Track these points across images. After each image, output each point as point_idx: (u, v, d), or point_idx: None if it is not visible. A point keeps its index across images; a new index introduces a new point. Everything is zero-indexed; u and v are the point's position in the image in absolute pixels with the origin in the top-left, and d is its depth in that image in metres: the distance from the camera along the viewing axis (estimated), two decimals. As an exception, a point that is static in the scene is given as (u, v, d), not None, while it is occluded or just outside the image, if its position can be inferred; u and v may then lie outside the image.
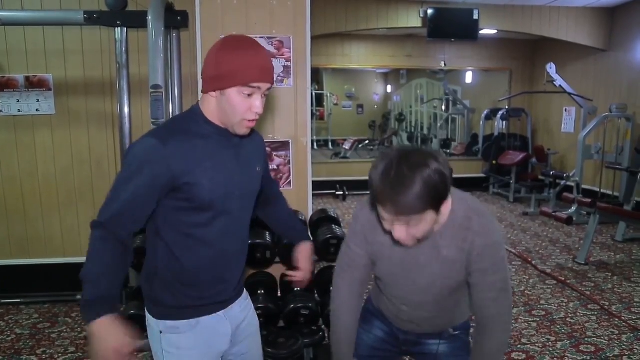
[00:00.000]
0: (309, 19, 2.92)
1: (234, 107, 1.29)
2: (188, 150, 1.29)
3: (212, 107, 1.34)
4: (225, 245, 1.42)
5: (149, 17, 2.64)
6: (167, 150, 1.25)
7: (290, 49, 2.90)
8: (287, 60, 2.91)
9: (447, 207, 1.29)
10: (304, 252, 1.74)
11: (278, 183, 1.85)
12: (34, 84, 3.55)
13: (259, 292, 2.62)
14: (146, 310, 1.45)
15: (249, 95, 1.28)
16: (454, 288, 1.40)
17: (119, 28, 2.86)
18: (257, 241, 2.58)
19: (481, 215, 1.33)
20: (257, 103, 1.30)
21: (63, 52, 3.54)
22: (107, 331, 1.21)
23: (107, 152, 3.64)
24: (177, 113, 3.13)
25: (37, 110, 3.58)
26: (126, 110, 2.90)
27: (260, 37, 2.89)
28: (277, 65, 2.92)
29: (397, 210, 1.15)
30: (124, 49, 2.89)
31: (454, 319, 1.55)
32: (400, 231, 1.21)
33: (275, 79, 2.93)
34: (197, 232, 1.36)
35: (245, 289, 1.62)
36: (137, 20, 2.83)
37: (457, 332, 1.57)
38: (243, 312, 1.55)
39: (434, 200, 1.16)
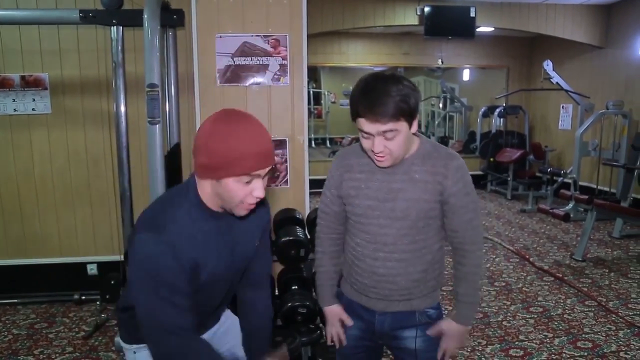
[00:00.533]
0: (305, 17, 2.91)
1: (232, 195, 1.20)
2: (189, 241, 1.22)
3: (207, 191, 1.24)
4: (205, 307, 1.43)
5: (145, 16, 2.63)
6: (171, 244, 1.17)
7: (286, 47, 2.90)
8: (284, 58, 2.91)
9: (416, 140, 1.46)
10: None
11: (269, 273, 1.66)
12: (30, 84, 3.54)
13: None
14: (119, 337, 1.49)
15: (249, 182, 1.19)
16: (429, 221, 1.46)
17: (115, 27, 2.85)
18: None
19: (442, 147, 1.51)
20: (258, 188, 1.20)
21: (59, 51, 3.53)
22: None
23: (104, 152, 3.63)
24: (174, 112, 3.13)
25: (33, 109, 3.57)
26: (122, 109, 2.88)
27: (257, 36, 2.89)
28: (274, 63, 2.92)
29: (376, 116, 1.29)
30: (119, 47, 2.87)
31: (427, 276, 1.51)
32: (379, 143, 1.34)
33: (271, 78, 2.93)
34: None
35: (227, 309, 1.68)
36: (133, 19, 2.81)
37: (433, 314, 1.57)
38: (218, 323, 1.60)
39: (407, 109, 1.31)
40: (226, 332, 1.62)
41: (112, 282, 3.29)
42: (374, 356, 1.72)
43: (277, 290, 2.79)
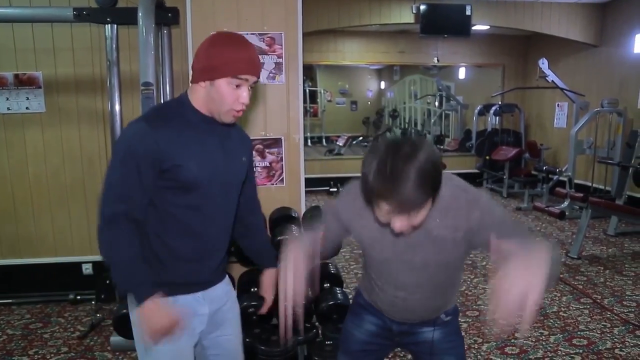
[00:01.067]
0: (301, 15, 2.91)
1: (223, 97, 1.36)
2: (176, 134, 1.37)
3: (200, 96, 1.41)
4: (206, 230, 1.47)
5: (139, 14, 2.61)
6: (156, 133, 1.34)
7: (281, 45, 2.89)
8: (279, 56, 2.90)
9: None
10: (269, 281, 1.73)
11: (259, 202, 1.80)
12: (24, 82, 3.51)
13: (253, 289, 2.61)
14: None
15: (237, 87, 1.36)
16: (449, 265, 1.43)
17: (109, 25, 2.83)
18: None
19: (465, 190, 1.34)
20: (244, 94, 1.38)
21: (53, 49, 3.50)
22: (154, 312, 1.34)
23: (99, 150, 3.62)
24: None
25: (27, 108, 3.55)
26: (117, 107, 2.87)
27: (252, 34, 2.88)
28: (269, 61, 2.91)
29: (399, 205, 1.14)
30: (114, 46, 2.86)
31: (447, 301, 1.55)
32: (400, 223, 1.20)
33: (267, 76, 2.92)
34: (180, 213, 1.42)
35: (227, 277, 1.68)
36: (127, 17, 2.80)
37: (449, 318, 1.58)
38: (224, 297, 1.61)
39: (432, 189, 1.17)
40: (227, 312, 1.62)
41: (108, 282, 3.27)
42: (381, 357, 1.71)
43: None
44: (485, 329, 3.21)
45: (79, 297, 3.57)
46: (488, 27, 7.36)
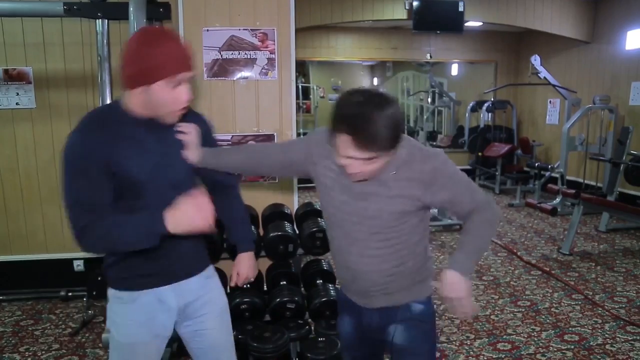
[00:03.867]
0: (294, 11, 2.89)
1: (162, 100, 1.33)
2: (111, 138, 1.34)
3: (137, 102, 1.36)
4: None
5: (131, 9, 2.59)
6: (93, 139, 1.32)
7: (274, 41, 2.88)
8: (271, 52, 2.89)
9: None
10: (245, 263, 1.80)
11: (234, 182, 1.79)
12: (13, 77, 3.47)
13: (245, 286, 2.60)
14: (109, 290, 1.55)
15: (175, 87, 1.33)
16: (404, 222, 1.42)
17: (100, 20, 2.79)
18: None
19: (420, 148, 1.42)
20: (184, 92, 1.35)
21: (43, 44, 3.46)
22: (179, 213, 1.30)
23: (90, 147, 3.59)
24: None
25: (17, 104, 3.51)
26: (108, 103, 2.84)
27: (244, 29, 2.86)
28: (261, 57, 2.90)
29: (360, 139, 1.22)
30: (105, 41, 2.82)
31: (408, 277, 1.50)
32: (355, 166, 1.29)
33: (259, 72, 2.91)
34: (136, 211, 1.41)
35: (212, 269, 1.69)
36: (118, 12, 2.76)
37: (418, 311, 1.52)
38: (198, 290, 1.59)
39: (392, 139, 1.26)
40: (203, 306, 1.60)
41: (99, 278, 3.24)
42: (374, 351, 1.70)
43: (265, 286, 2.78)
44: (477, 325, 3.23)
45: (70, 294, 3.54)
46: (481, 23, 7.37)
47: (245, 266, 1.80)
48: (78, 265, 3.69)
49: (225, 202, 1.74)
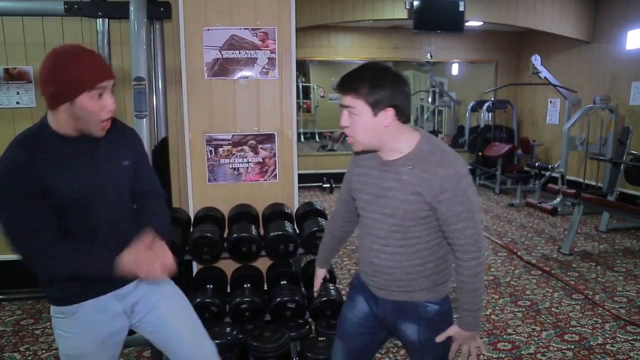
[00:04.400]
0: (294, 10, 2.89)
1: (89, 112, 1.34)
2: (41, 160, 1.35)
3: (63, 119, 1.37)
4: (99, 238, 1.48)
5: (131, 8, 2.60)
6: (24, 162, 1.33)
7: (274, 40, 2.88)
8: (272, 51, 2.89)
9: (414, 139, 1.45)
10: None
11: (154, 186, 1.72)
12: (14, 77, 3.47)
13: (245, 285, 2.61)
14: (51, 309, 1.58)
15: (100, 96, 1.34)
16: (418, 220, 1.44)
17: (101, 19, 2.80)
18: (243, 235, 2.56)
19: (444, 150, 1.44)
20: (109, 101, 1.37)
21: (43, 43, 3.46)
22: (132, 253, 1.37)
23: (90, 146, 3.58)
24: (161, 106, 3.09)
25: (17, 103, 3.51)
26: (108, 102, 2.84)
27: (245, 29, 2.86)
28: (262, 57, 2.90)
29: (340, 86, 1.41)
30: (106, 40, 2.83)
31: (427, 279, 1.51)
32: (345, 117, 1.44)
33: (260, 71, 2.91)
34: (73, 228, 1.44)
35: None
36: (119, 11, 2.77)
37: (431, 314, 1.53)
38: (140, 292, 1.61)
39: (366, 91, 1.36)
40: (147, 302, 1.62)
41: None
42: (374, 342, 1.71)
43: (265, 286, 2.78)
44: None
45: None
46: (481, 23, 7.36)
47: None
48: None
49: (146, 209, 1.67)
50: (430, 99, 10.74)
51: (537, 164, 7.14)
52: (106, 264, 1.37)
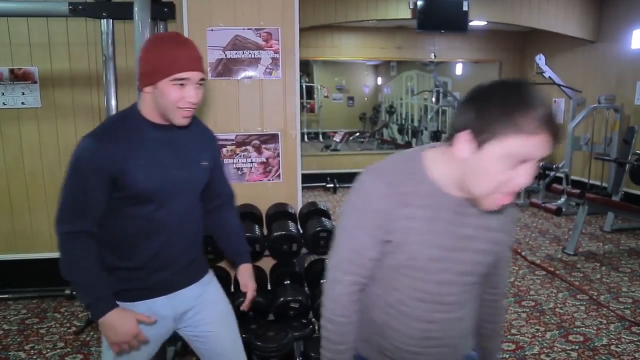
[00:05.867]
0: (298, 11, 2.89)
1: (167, 98, 1.35)
2: (123, 146, 1.37)
3: (148, 102, 1.41)
4: (164, 236, 1.48)
5: (135, 9, 2.60)
6: (103, 147, 1.35)
7: (278, 40, 2.88)
8: (276, 52, 2.89)
9: None
10: (246, 274, 1.75)
11: (228, 191, 1.79)
12: (19, 77, 3.49)
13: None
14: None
15: (182, 86, 1.35)
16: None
17: (105, 20, 2.81)
18: (246, 234, 2.56)
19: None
20: (190, 93, 1.37)
21: (48, 44, 3.48)
22: (119, 321, 1.38)
23: (95, 146, 3.60)
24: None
25: (22, 103, 3.52)
26: (113, 102, 2.85)
27: (248, 29, 2.86)
28: (265, 57, 2.90)
29: (557, 140, 0.96)
30: (110, 41, 2.83)
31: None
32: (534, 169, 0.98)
33: (263, 71, 2.91)
34: (133, 224, 1.44)
35: (211, 274, 1.70)
36: (123, 12, 2.77)
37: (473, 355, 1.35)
38: (198, 297, 1.61)
39: None
40: (199, 313, 1.62)
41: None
42: None
43: (269, 285, 2.79)
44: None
45: (75, 293, 3.55)
46: (485, 22, 7.35)
47: (247, 277, 1.77)
48: (83, 264, 3.70)
49: (221, 215, 1.76)
50: (434, 99, 10.70)
51: (541, 164, 7.11)
52: (89, 299, 1.38)
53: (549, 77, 7.04)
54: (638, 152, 5.80)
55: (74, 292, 1.49)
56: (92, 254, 1.40)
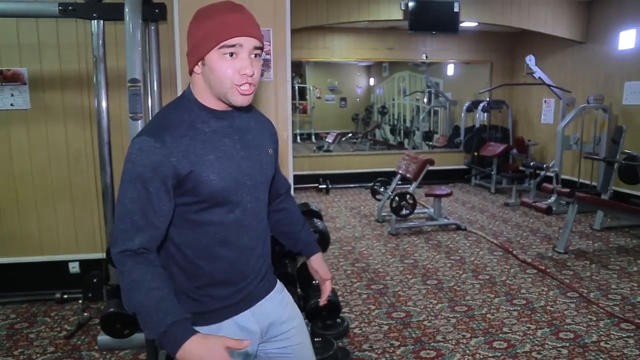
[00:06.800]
0: (289, 12, 2.89)
1: (219, 74, 1.16)
2: (186, 142, 1.18)
3: (200, 86, 1.23)
4: (242, 240, 1.30)
5: (126, 10, 2.59)
6: (163, 145, 1.15)
7: (270, 42, 2.88)
8: (267, 53, 2.89)
9: None
10: (322, 264, 1.60)
11: (287, 182, 1.65)
12: (8, 78, 3.46)
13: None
14: None
15: (232, 56, 1.15)
16: None
17: (95, 21, 2.80)
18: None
19: None
20: (245, 63, 1.16)
21: (38, 45, 3.45)
22: (204, 351, 1.08)
23: (85, 148, 3.58)
24: (156, 107, 3.09)
25: (11, 105, 3.49)
26: (104, 104, 2.84)
27: (240, 30, 2.85)
28: (257, 58, 2.89)
29: None
30: (100, 42, 2.82)
31: None
32: None
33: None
34: (210, 230, 1.24)
35: (279, 284, 1.51)
36: (113, 13, 2.77)
37: None
38: (277, 308, 1.43)
39: None
40: (284, 324, 1.45)
41: (95, 280, 3.24)
42: None
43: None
44: (473, 324, 3.24)
45: (65, 296, 3.52)
46: (476, 23, 7.40)
47: (324, 267, 1.61)
48: (73, 267, 3.68)
49: (286, 208, 1.62)
50: (426, 100, 10.76)
51: (532, 164, 7.18)
52: (159, 328, 1.10)
53: (539, 77, 7.11)
54: (626, 151, 5.86)
55: (142, 328, 1.14)
56: (157, 274, 1.16)
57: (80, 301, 3.40)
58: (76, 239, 3.67)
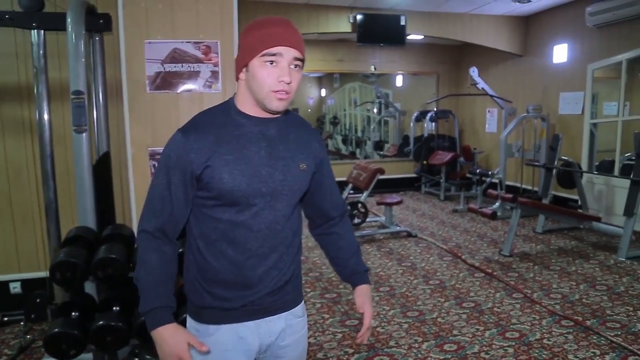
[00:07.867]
0: (237, 24, 2.91)
1: (259, 79, 1.23)
2: (210, 141, 1.26)
3: (242, 91, 1.31)
4: (250, 244, 1.30)
5: (69, 20, 2.53)
6: (189, 141, 1.25)
7: (217, 53, 2.88)
8: (215, 65, 2.89)
9: None
10: (365, 297, 1.52)
11: (342, 206, 1.58)
12: (-60, 91, 3.28)
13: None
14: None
15: (272, 64, 1.22)
16: None
17: (36, 30, 2.71)
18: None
19: None
20: (283, 72, 1.22)
21: (-27, 55, 3.30)
22: (170, 339, 1.24)
23: (27, 162, 3.43)
24: (102, 119, 3.02)
25: (-56, 118, 3.31)
26: (46, 117, 2.74)
27: (187, 42, 2.85)
28: (205, 70, 2.89)
29: None
30: (41, 52, 2.73)
31: None
32: None
33: (203, 84, 2.90)
34: (220, 227, 1.30)
35: (303, 307, 1.48)
36: (55, 23, 2.69)
37: None
38: (286, 330, 1.41)
39: None
40: (285, 347, 1.43)
41: (38, 300, 3.10)
42: None
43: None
44: (424, 328, 3.32)
45: (5, 319, 3.35)
46: (422, 36, 7.65)
47: (367, 302, 1.51)
48: (15, 288, 3.50)
49: (338, 232, 1.56)
50: (376, 110, 10.97)
51: (478, 171, 7.45)
52: (145, 307, 1.26)
53: (482, 88, 7.42)
54: (563, 157, 6.20)
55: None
56: (163, 259, 1.29)
57: (22, 323, 3.24)
58: (17, 258, 3.50)
